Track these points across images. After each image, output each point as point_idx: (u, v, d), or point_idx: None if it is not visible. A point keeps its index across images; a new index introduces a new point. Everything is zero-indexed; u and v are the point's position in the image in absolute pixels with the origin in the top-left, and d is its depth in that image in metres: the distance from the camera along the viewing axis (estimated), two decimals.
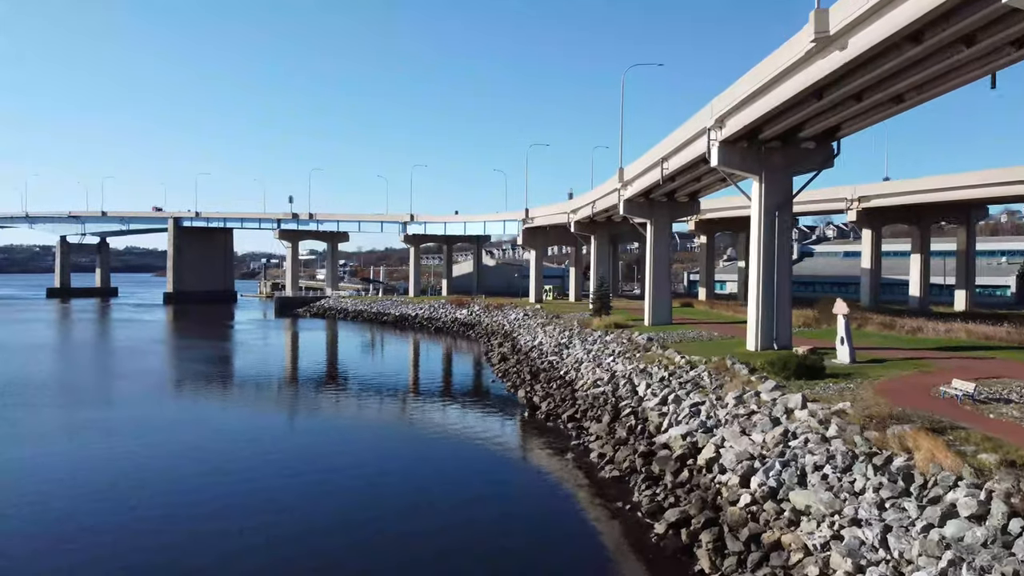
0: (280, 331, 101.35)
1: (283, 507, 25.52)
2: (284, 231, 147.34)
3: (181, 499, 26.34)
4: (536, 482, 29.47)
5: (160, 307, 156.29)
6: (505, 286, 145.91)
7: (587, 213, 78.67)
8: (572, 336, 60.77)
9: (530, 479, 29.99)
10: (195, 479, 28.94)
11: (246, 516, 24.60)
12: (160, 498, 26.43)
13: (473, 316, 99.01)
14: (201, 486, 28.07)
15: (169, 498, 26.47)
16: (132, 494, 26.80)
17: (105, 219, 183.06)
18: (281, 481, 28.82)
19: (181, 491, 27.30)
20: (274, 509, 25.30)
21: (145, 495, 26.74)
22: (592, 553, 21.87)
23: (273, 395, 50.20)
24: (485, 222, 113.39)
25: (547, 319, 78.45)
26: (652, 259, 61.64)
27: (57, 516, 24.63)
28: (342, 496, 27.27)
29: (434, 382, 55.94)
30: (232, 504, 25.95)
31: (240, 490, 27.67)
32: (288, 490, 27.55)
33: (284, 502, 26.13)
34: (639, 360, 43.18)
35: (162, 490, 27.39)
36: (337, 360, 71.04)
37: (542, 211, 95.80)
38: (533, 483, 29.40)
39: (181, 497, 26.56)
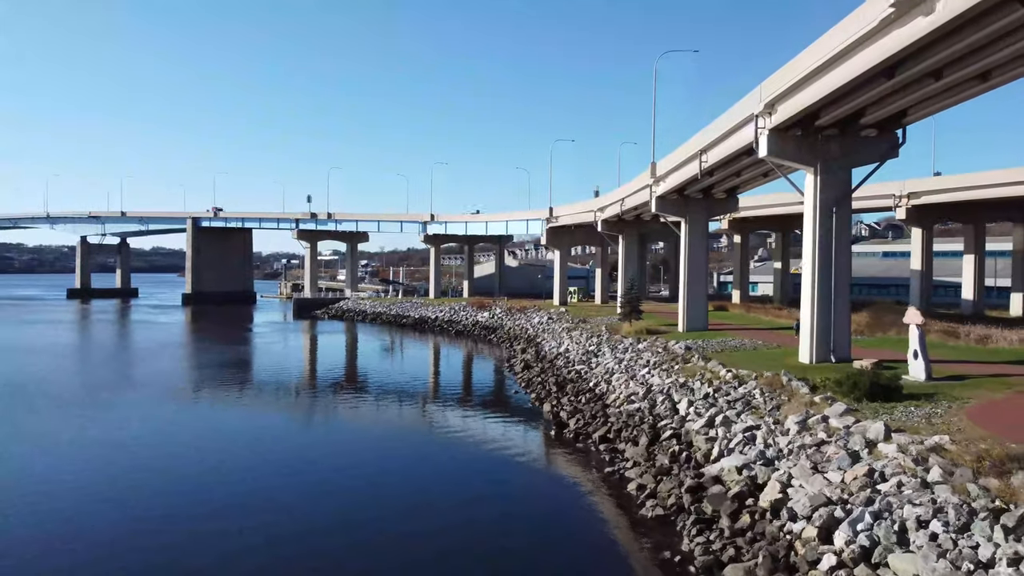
0: (297, 334, 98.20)
1: (292, 520, 23.85)
2: (302, 231, 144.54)
3: (203, 508, 25.65)
4: (566, 519, 25.46)
5: (178, 308, 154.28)
6: (528, 287, 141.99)
7: (615, 211, 74.48)
8: (601, 343, 56.63)
9: (559, 515, 25.97)
10: (213, 488, 28.17)
11: (248, 516, 24.75)
12: (175, 500, 26.47)
13: (495, 319, 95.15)
14: (215, 493, 27.50)
15: (185, 500, 26.41)
16: (141, 498, 26.58)
17: (125, 219, 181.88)
18: (290, 496, 25.27)
19: (199, 498, 26.81)
20: (284, 520, 22.40)
21: (155, 499, 26.53)
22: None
23: (285, 403, 46.67)
24: (507, 222, 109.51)
25: (573, 323, 74.34)
26: (687, 260, 57.35)
27: (63, 519, 24.52)
28: (359, 536, 23.50)
29: (453, 392, 52.10)
30: (238, 505, 26.06)
31: (243, 491, 27.55)
32: (294, 506, 23.86)
33: (291, 515, 24.24)
34: (678, 373, 38.97)
35: (173, 491, 27.55)
36: (351, 367, 67.49)
37: (567, 210, 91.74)
38: (562, 520, 25.39)
39: (202, 506, 25.75)
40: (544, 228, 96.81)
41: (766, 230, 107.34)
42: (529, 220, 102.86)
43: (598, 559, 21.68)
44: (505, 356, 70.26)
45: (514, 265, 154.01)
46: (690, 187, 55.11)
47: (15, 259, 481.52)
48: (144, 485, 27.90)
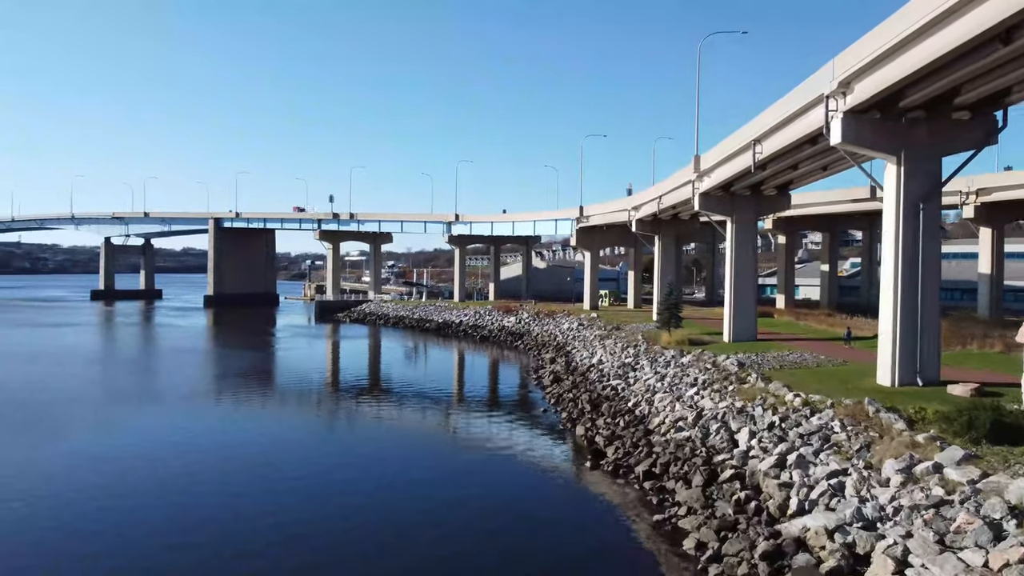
0: (315, 341, 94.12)
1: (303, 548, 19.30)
2: (324, 232, 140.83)
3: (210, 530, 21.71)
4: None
5: (199, 311, 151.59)
6: (555, 290, 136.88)
7: (651, 210, 69.22)
8: (639, 354, 51.46)
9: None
10: (230, 504, 25.56)
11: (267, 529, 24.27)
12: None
13: (522, 324, 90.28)
14: (231, 510, 25.55)
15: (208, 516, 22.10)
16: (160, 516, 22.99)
17: (148, 220, 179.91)
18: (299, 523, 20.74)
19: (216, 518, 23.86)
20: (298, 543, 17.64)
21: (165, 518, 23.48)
22: None
23: (300, 417, 42.28)
24: (535, 221, 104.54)
25: (605, 330, 69.20)
26: (733, 264, 52.01)
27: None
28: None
29: (475, 410, 47.31)
30: (260, 516, 25.73)
31: (261, 504, 25.33)
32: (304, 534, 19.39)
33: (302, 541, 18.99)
34: (733, 395, 33.75)
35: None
36: (365, 380, 62.98)
37: (598, 209, 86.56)
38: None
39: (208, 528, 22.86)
40: (574, 228, 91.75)
41: (813, 230, 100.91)
42: (558, 220, 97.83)
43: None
44: (532, 366, 65.40)
45: (541, 267, 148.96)
46: (738, 183, 49.81)
47: (49, 260, 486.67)
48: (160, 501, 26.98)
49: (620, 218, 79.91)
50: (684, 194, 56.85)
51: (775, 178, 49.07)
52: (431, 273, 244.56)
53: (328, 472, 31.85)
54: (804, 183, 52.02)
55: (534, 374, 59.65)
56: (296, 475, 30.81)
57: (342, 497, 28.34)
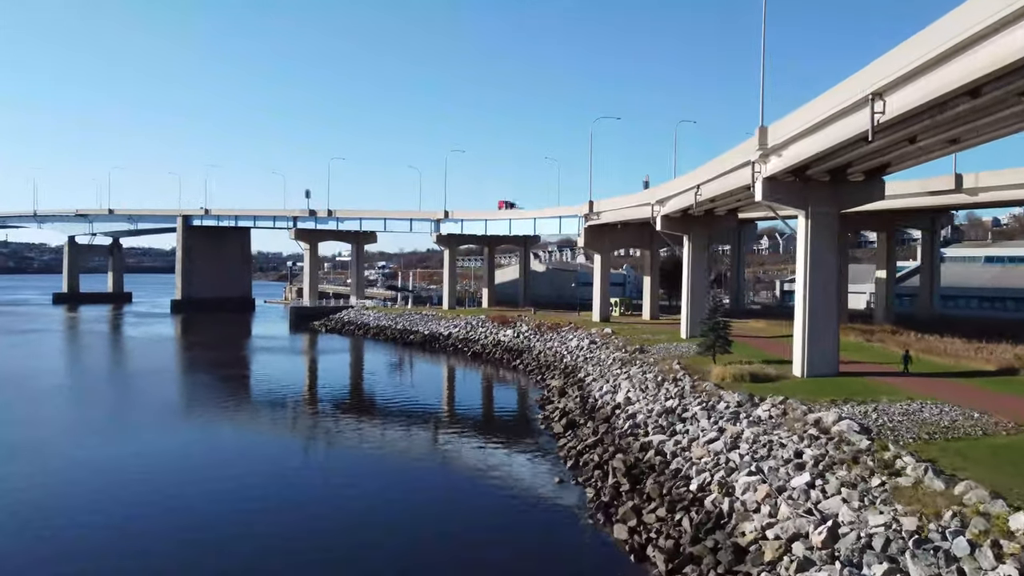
0: (282, 358, 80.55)
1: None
2: (301, 231, 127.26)
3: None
4: None
5: (166, 317, 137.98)
6: (555, 295, 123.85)
7: (683, 204, 56.06)
8: (683, 395, 38.19)
9: None
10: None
11: None
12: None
13: (521, 339, 76.99)
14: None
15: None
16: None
17: (113, 218, 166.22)
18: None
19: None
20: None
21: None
22: None
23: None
24: (535, 219, 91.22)
25: (626, 352, 55.95)
26: (808, 271, 38.95)
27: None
28: None
29: (463, 471, 34.08)
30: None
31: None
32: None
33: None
34: (886, 499, 20.42)
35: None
36: (314, 423, 49.65)
37: (611, 204, 73.29)
38: None
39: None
40: (581, 227, 78.52)
41: (862, 229, 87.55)
42: (562, 217, 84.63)
43: None
44: (535, 397, 52.27)
45: (540, 270, 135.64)
46: (822, 163, 36.69)
47: (35, 259, 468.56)
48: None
49: (639, 214, 66.67)
50: (737, 180, 43.62)
51: (872, 158, 35.92)
52: (421, 275, 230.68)
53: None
54: (904, 166, 38.84)
55: (540, 408, 46.39)
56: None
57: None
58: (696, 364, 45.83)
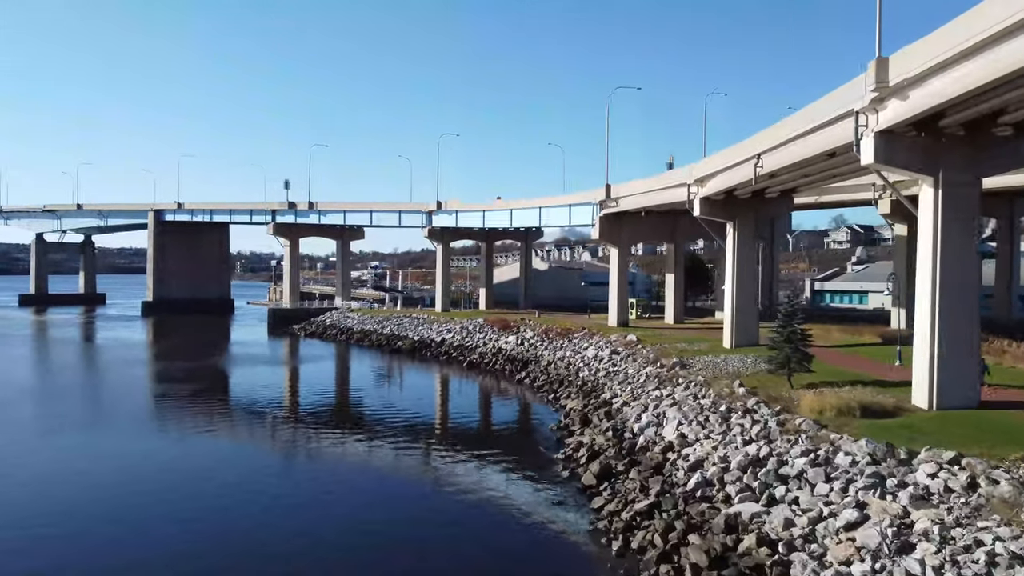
0: (254, 368, 69.22)
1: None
2: (279, 226, 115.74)
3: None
4: None
5: (136, 320, 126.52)
6: (559, 296, 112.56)
7: (734, 181, 44.88)
8: (769, 434, 27.02)
9: None
10: None
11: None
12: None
13: (526, 348, 65.83)
14: None
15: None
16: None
17: (82, 213, 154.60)
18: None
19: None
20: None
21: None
22: None
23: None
24: (540, 208, 79.84)
25: (662, 367, 44.79)
26: (938, 264, 27.91)
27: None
28: None
29: (465, 543, 22.97)
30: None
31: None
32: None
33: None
34: None
35: None
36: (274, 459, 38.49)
37: (633, 188, 61.96)
38: None
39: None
40: (596, 216, 67.34)
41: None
42: (572, 206, 73.42)
43: None
44: (551, 424, 41.24)
45: (543, 268, 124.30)
46: (956, 112, 25.68)
47: (24, 259, 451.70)
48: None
49: (670, 198, 55.45)
50: (826, 142, 32.43)
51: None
52: (415, 275, 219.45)
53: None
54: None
55: (560, 451, 35.11)
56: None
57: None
58: (766, 386, 34.76)
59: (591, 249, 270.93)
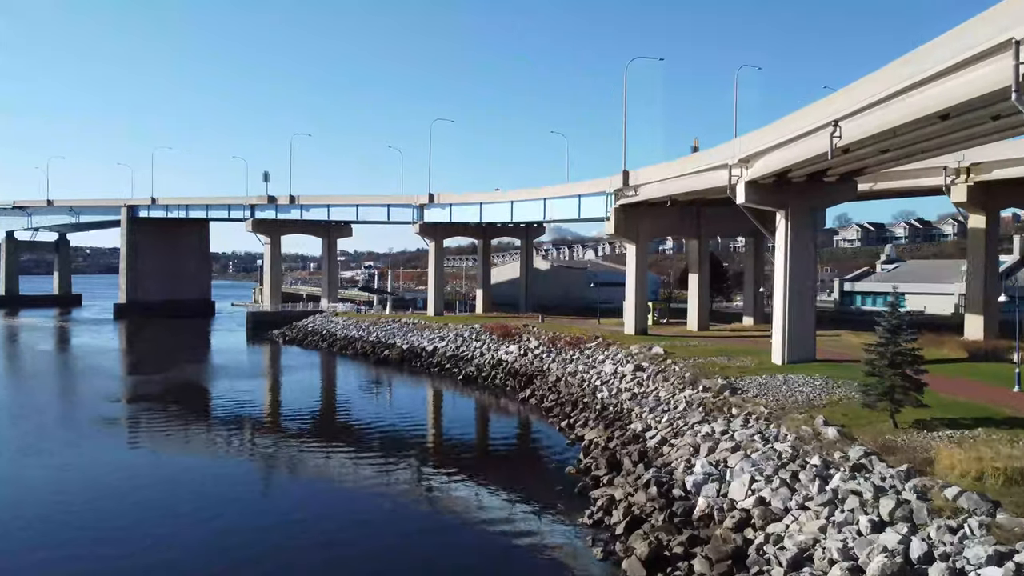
0: (219, 383, 60.12)
1: None
2: (259, 222, 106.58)
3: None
4: None
5: (108, 323, 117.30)
6: (562, 297, 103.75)
7: (794, 158, 35.96)
8: (910, 514, 18.11)
9: None
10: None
11: None
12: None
13: (531, 360, 56.86)
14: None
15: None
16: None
17: (52, 209, 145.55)
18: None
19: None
20: None
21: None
22: None
23: None
24: (544, 200, 70.72)
25: (704, 390, 35.83)
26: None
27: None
28: None
29: None
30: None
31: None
32: None
33: None
34: None
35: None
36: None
37: (657, 172, 52.73)
38: None
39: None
40: (610, 207, 58.38)
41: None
42: (582, 196, 64.44)
43: None
44: (564, 457, 32.48)
45: (544, 268, 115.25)
46: None
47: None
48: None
49: (704, 184, 46.44)
50: (963, 92, 23.47)
51: None
52: (407, 275, 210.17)
53: None
54: None
55: (587, 517, 25.94)
56: None
57: None
58: (860, 424, 25.92)
59: (591, 247, 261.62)
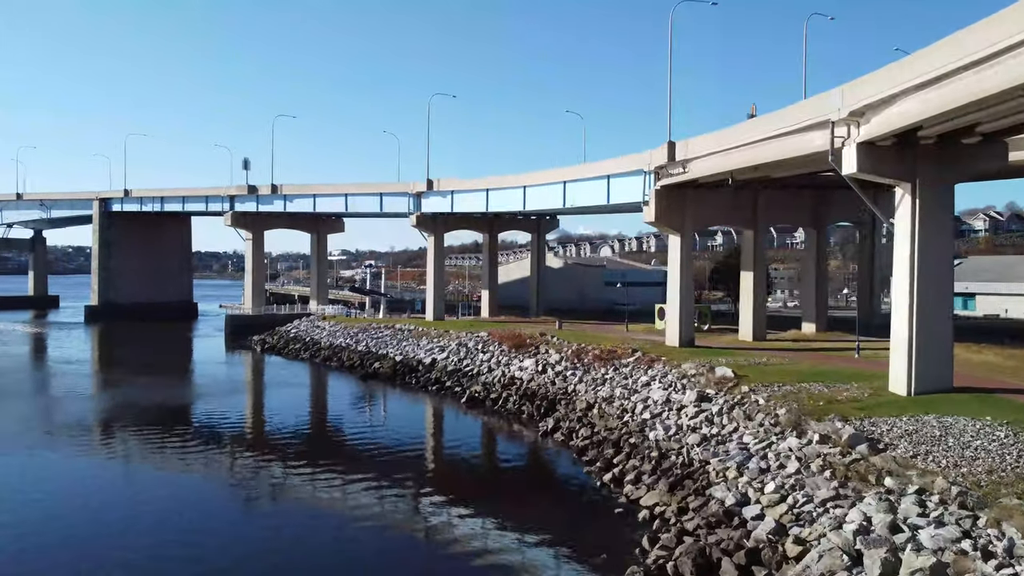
0: (176, 406, 48.75)
1: None
2: (239, 215, 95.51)
3: None
4: None
5: (78, 327, 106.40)
6: (576, 298, 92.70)
7: (938, 105, 24.72)
8: None
9: None
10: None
11: None
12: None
13: (551, 378, 45.51)
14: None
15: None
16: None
17: (21, 204, 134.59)
18: None
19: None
20: None
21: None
22: None
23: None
24: (564, 184, 59.10)
25: (824, 442, 24.48)
26: None
27: None
28: None
29: None
30: None
31: None
32: None
33: None
34: None
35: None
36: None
37: (719, 140, 40.95)
38: None
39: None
40: (650, 187, 46.95)
41: None
42: (611, 177, 52.84)
43: None
44: (611, 530, 21.29)
45: (556, 266, 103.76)
46: None
47: (12, 259, 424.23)
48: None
49: (789, 151, 34.91)
50: None
51: None
52: (408, 275, 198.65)
53: None
54: None
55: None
56: None
57: None
58: None
59: (600, 245, 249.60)
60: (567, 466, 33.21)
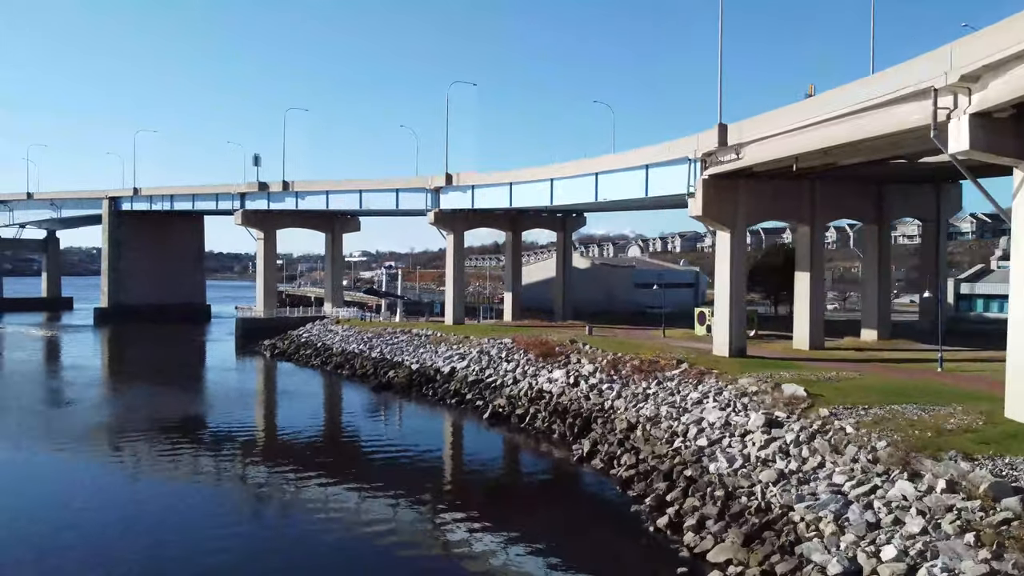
0: (173, 423, 44.22)
1: None
2: (249, 213, 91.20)
3: None
4: None
5: (88, 331, 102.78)
6: (605, 302, 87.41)
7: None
8: None
9: None
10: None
11: None
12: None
13: (585, 393, 40.31)
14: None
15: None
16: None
17: (32, 203, 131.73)
18: None
19: None
20: None
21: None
22: None
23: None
24: (596, 175, 53.70)
25: (952, 491, 19.19)
26: None
27: None
28: None
29: None
30: None
31: None
32: None
33: None
34: None
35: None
36: None
37: (780, 119, 35.63)
38: None
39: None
40: (695, 176, 41.57)
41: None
42: (650, 167, 47.52)
43: None
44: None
45: (582, 266, 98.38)
46: None
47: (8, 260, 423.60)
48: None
49: (869, 130, 29.39)
50: None
51: None
52: (427, 276, 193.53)
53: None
54: None
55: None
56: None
57: None
58: None
59: (618, 245, 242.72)
60: (611, 501, 28.14)
